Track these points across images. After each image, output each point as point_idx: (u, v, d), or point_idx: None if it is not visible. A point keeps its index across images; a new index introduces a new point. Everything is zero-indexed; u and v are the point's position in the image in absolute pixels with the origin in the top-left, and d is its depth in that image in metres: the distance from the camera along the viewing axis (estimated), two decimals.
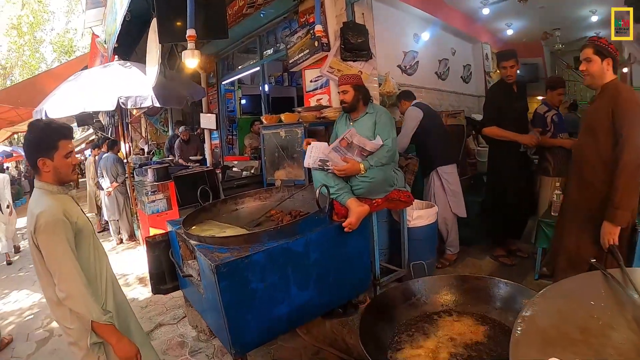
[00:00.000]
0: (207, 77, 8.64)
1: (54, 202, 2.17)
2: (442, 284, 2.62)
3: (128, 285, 5.73)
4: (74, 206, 2.33)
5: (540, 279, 4.37)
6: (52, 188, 2.24)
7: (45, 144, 2.19)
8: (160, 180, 6.51)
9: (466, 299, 2.53)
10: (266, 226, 3.40)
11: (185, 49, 4.01)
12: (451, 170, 4.89)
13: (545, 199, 4.80)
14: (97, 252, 2.40)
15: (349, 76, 3.79)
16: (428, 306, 2.53)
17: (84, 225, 2.31)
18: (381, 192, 3.59)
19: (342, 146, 3.42)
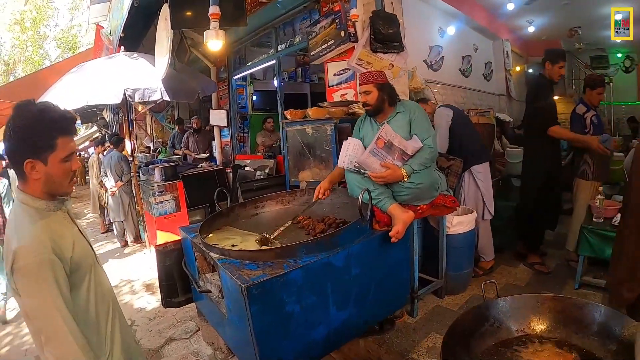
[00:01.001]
0: (217, 72, 8.23)
1: (40, 229, 1.55)
2: (523, 305, 2.20)
3: (134, 293, 5.32)
4: (68, 230, 1.68)
5: (581, 288, 4.08)
6: (38, 204, 1.60)
7: (38, 139, 1.55)
8: (168, 179, 6.13)
9: (553, 323, 2.11)
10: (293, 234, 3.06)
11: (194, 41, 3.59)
12: (484, 170, 4.50)
13: (582, 203, 4.53)
14: (99, 290, 1.76)
15: (370, 74, 3.32)
16: (503, 332, 2.12)
17: (82, 258, 1.67)
18: (427, 197, 3.21)
19: (379, 147, 3.01)
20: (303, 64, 9.13)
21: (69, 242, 1.62)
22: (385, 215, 3.00)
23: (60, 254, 1.53)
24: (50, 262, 1.48)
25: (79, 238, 1.72)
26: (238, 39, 7.26)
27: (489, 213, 4.48)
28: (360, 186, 3.04)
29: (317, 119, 4.12)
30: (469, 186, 4.49)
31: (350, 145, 3.09)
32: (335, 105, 4.30)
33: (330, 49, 4.74)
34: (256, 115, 8.79)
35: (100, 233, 9.18)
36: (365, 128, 3.45)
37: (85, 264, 1.68)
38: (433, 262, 3.94)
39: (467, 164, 4.43)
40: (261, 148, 7.87)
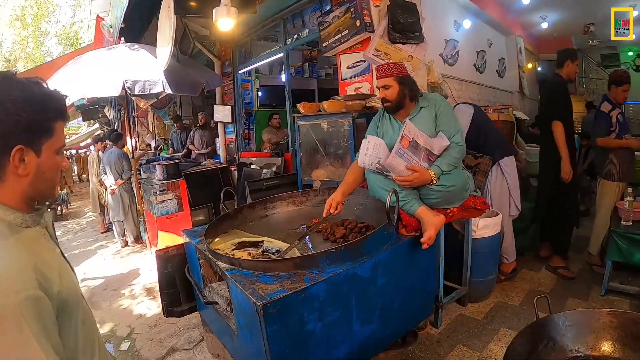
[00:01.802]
0: (221, 66, 7.94)
1: (19, 253, 1.09)
2: (581, 322, 1.95)
3: (134, 297, 5.02)
4: (51, 254, 1.23)
5: (607, 294, 3.89)
6: (12, 216, 1.15)
7: (35, 119, 1.13)
8: (170, 178, 5.85)
9: (615, 342, 1.84)
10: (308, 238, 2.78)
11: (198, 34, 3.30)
12: (511, 163, 4.22)
13: (606, 205, 4.38)
14: (88, 336, 1.29)
15: (390, 65, 2.96)
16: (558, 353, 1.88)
17: (71, 293, 1.20)
18: (458, 200, 2.91)
19: (404, 148, 2.70)
20: (310, 59, 8.86)
21: (54, 272, 1.15)
22: (413, 218, 2.71)
23: (47, 289, 1.07)
24: (35, 301, 1.02)
25: (64, 265, 1.26)
26: (244, 32, 6.98)
27: (515, 208, 4.24)
28: (385, 188, 2.76)
29: (333, 113, 3.80)
30: (496, 181, 4.21)
31: (370, 145, 2.75)
32: (352, 99, 4.00)
33: (345, 39, 4.46)
34: (262, 111, 8.52)
35: (100, 233, 8.93)
36: (385, 126, 3.13)
37: (73, 298, 1.21)
38: (456, 268, 3.65)
39: (495, 158, 4.17)
40: (267, 145, 7.63)
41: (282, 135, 7.72)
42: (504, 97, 8.37)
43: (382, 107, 3.07)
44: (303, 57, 8.92)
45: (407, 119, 2.92)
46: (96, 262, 6.70)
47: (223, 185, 6.92)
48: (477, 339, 3.35)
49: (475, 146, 4.18)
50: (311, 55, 8.83)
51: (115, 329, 4.21)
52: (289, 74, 6.55)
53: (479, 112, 4.28)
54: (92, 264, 6.60)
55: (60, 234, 9.51)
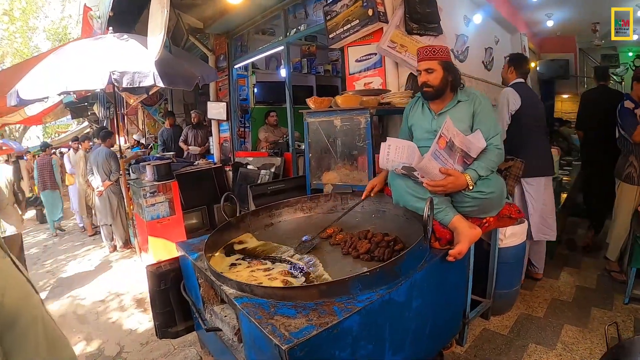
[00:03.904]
0: (216, 60, 7.58)
1: None
2: None
3: (123, 309, 4.61)
4: None
5: (631, 303, 3.73)
6: None
7: None
8: (161, 179, 5.45)
9: None
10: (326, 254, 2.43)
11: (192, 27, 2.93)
12: (538, 184, 3.93)
13: (625, 209, 4.23)
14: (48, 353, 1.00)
15: (435, 48, 2.66)
16: None
17: (20, 306, 0.96)
18: (496, 208, 2.56)
19: (440, 149, 2.35)
20: (309, 55, 8.52)
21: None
22: (447, 230, 2.36)
23: None
24: None
25: (12, 276, 1.00)
26: (241, 24, 6.66)
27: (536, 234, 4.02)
28: (416, 194, 2.42)
29: (347, 109, 3.41)
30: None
31: (391, 149, 2.39)
32: (366, 94, 3.63)
33: (355, 30, 4.14)
34: (258, 109, 8.15)
35: (88, 236, 8.55)
36: (416, 115, 2.86)
37: (27, 315, 0.96)
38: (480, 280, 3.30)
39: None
40: (264, 144, 7.31)
41: (279, 134, 7.41)
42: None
43: (420, 93, 2.79)
44: (301, 53, 8.59)
45: (444, 111, 2.68)
46: (83, 269, 6.30)
47: (217, 187, 6.60)
48: (505, 356, 3.12)
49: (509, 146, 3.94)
50: (310, 50, 8.52)
51: (103, 348, 3.81)
52: (289, 69, 6.17)
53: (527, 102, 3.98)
54: (79, 271, 6.21)
55: (47, 237, 9.17)
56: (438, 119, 2.69)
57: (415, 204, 2.43)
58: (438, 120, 2.69)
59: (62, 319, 4.48)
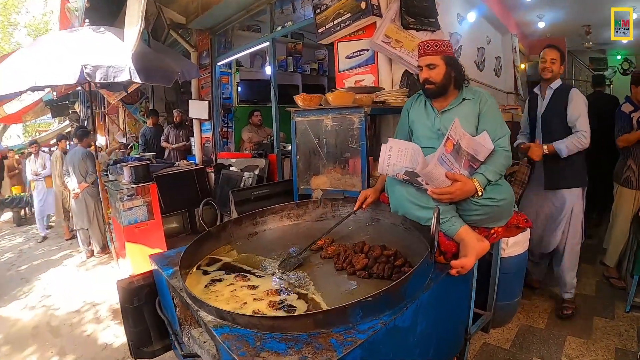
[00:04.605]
0: (198, 57, 7.31)
1: None
2: None
3: (99, 321, 4.34)
4: None
5: (632, 311, 3.68)
6: None
7: None
8: (139, 181, 5.15)
9: None
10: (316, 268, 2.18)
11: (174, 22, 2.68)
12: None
13: (624, 214, 4.17)
14: None
15: (437, 42, 2.44)
16: None
17: None
18: (505, 217, 2.33)
19: (448, 152, 2.11)
20: (295, 52, 8.27)
21: None
22: (452, 242, 2.12)
23: None
24: None
25: None
26: (225, 19, 6.42)
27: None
28: (420, 203, 2.16)
29: (340, 107, 3.15)
30: None
31: (393, 151, 2.15)
32: (360, 91, 3.39)
33: (346, 24, 3.90)
34: (242, 108, 7.86)
35: (65, 240, 8.19)
36: (417, 112, 2.63)
37: None
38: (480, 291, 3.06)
39: None
40: (248, 145, 7.05)
41: (263, 134, 7.16)
42: (500, 97, 8.00)
43: (422, 90, 2.59)
44: (287, 50, 8.33)
45: (448, 109, 2.47)
46: (59, 275, 6.01)
47: (199, 189, 6.35)
48: None
49: None
50: (296, 48, 8.26)
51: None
52: (275, 67, 5.91)
53: None
54: (55, 278, 5.92)
55: (23, 240, 8.82)
56: (441, 118, 2.48)
57: (417, 213, 2.18)
58: (441, 119, 2.47)
59: (36, 331, 4.25)
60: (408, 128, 2.69)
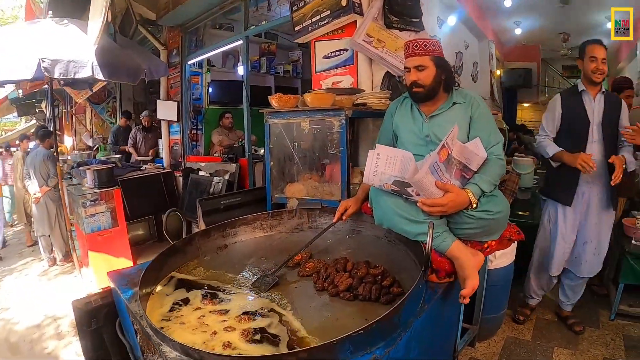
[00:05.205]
0: (168, 55, 7.02)
1: None
2: None
3: (60, 336, 4.04)
4: None
5: (617, 319, 3.69)
6: None
7: None
8: (103, 186, 4.89)
9: None
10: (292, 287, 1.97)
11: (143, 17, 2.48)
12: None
13: None
14: None
15: (426, 42, 2.24)
16: None
17: None
18: (500, 229, 2.16)
19: (441, 162, 1.93)
20: (268, 53, 8.11)
21: None
22: (445, 259, 1.95)
23: None
24: None
25: None
26: (197, 16, 6.19)
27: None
28: (409, 216, 1.97)
29: (319, 109, 2.94)
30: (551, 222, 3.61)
31: (381, 158, 1.94)
32: (340, 93, 3.19)
33: (325, 22, 3.72)
34: (212, 109, 7.62)
35: (27, 246, 7.74)
36: (403, 117, 2.44)
37: None
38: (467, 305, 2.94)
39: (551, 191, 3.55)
40: (218, 148, 6.83)
41: (234, 137, 6.97)
42: None
43: (408, 94, 2.38)
44: (260, 51, 8.19)
45: (437, 114, 2.29)
46: (19, 286, 5.66)
47: (166, 194, 6.08)
48: None
49: None
50: (269, 49, 8.12)
51: None
52: (248, 67, 5.69)
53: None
54: (15, 288, 5.56)
55: None
56: (430, 123, 2.28)
57: (406, 227, 1.98)
58: (430, 124, 2.28)
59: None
60: (392, 133, 2.49)
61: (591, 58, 3.09)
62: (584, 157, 2.95)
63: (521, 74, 11.62)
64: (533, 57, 11.72)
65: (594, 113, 3.16)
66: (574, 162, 2.98)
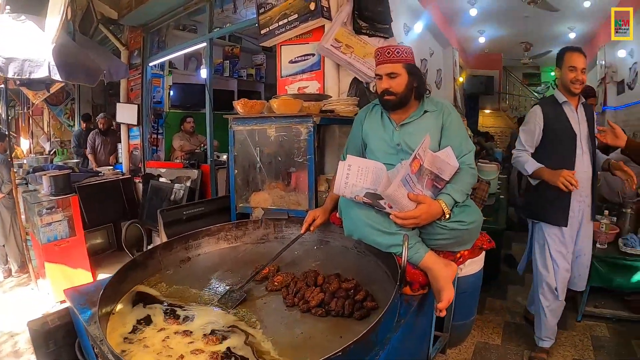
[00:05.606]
0: (129, 56, 6.81)
1: None
2: None
3: (17, 355, 3.75)
4: None
5: (584, 320, 3.75)
6: None
7: None
8: (59, 193, 4.66)
9: None
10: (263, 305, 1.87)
11: (105, 16, 2.37)
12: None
13: None
14: None
15: (399, 49, 2.20)
16: None
17: None
18: (473, 239, 2.15)
19: (413, 173, 1.89)
20: (232, 56, 7.96)
21: None
22: (418, 271, 1.91)
23: None
24: None
25: None
26: (160, 16, 6.03)
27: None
28: (381, 228, 1.93)
29: (286, 116, 2.86)
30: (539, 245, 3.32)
31: (352, 170, 1.91)
32: (308, 99, 3.09)
33: (292, 25, 3.64)
34: (173, 113, 7.40)
35: None
36: (372, 125, 2.39)
37: None
38: None
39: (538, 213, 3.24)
40: (179, 154, 6.64)
41: (196, 143, 6.79)
42: None
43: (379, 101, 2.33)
44: (224, 54, 8.02)
45: (408, 122, 2.25)
46: None
47: (126, 201, 5.87)
48: None
49: None
50: (233, 52, 7.96)
51: None
52: (211, 70, 5.56)
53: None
54: None
55: None
56: (400, 131, 2.24)
57: (378, 238, 1.93)
58: (401, 133, 2.24)
59: None
60: (361, 141, 2.44)
61: (570, 67, 2.87)
62: (567, 174, 2.76)
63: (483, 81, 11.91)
64: (495, 65, 12.06)
65: (579, 125, 2.97)
66: (556, 180, 2.79)
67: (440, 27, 7.77)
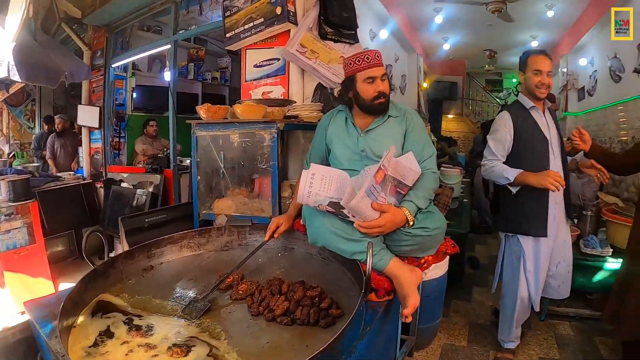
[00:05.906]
0: (92, 57, 6.60)
1: None
2: None
3: None
4: None
5: (547, 318, 3.81)
6: None
7: None
8: (18, 199, 4.48)
9: None
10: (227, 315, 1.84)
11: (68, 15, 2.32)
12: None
13: None
14: None
15: (378, 53, 2.23)
16: None
17: None
18: (437, 244, 2.20)
19: (377, 183, 1.91)
20: (197, 59, 7.90)
21: None
22: (383, 277, 1.92)
23: None
24: None
25: None
26: (124, 16, 5.91)
27: None
28: (345, 235, 1.94)
29: (249, 121, 2.83)
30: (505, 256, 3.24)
31: (315, 179, 1.90)
32: (272, 104, 3.08)
33: (258, 29, 3.61)
34: (136, 116, 7.24)
35: None
36: (336, 131, 2.40)
37: None
38: None
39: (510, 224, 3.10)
40: (141, 158, 6.52)
41: (159, 147, 6.68)
42: None
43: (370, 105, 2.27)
44: (189, 57, 7.96)
45: (373, 128, 2.28)
46: None
47: (87, 207, 5.71)
48: None
49: None
50: (198, 55, 7.89)
51: None
52: (175, 72, 5.46)
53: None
54: None
55: None
56: (365, 137, 2.26)
57: (342, 245, 1.93)
58: (365, 139, 2.25)
59: None
60: (325, 148, 2.45)
61: (535, 71, 2.76)
62: (554, 174, 2.62)
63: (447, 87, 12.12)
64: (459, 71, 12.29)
65: (549, 129, 2.88)
66: (544, 182, 2.59)
67: (405, 33, 7.86)
